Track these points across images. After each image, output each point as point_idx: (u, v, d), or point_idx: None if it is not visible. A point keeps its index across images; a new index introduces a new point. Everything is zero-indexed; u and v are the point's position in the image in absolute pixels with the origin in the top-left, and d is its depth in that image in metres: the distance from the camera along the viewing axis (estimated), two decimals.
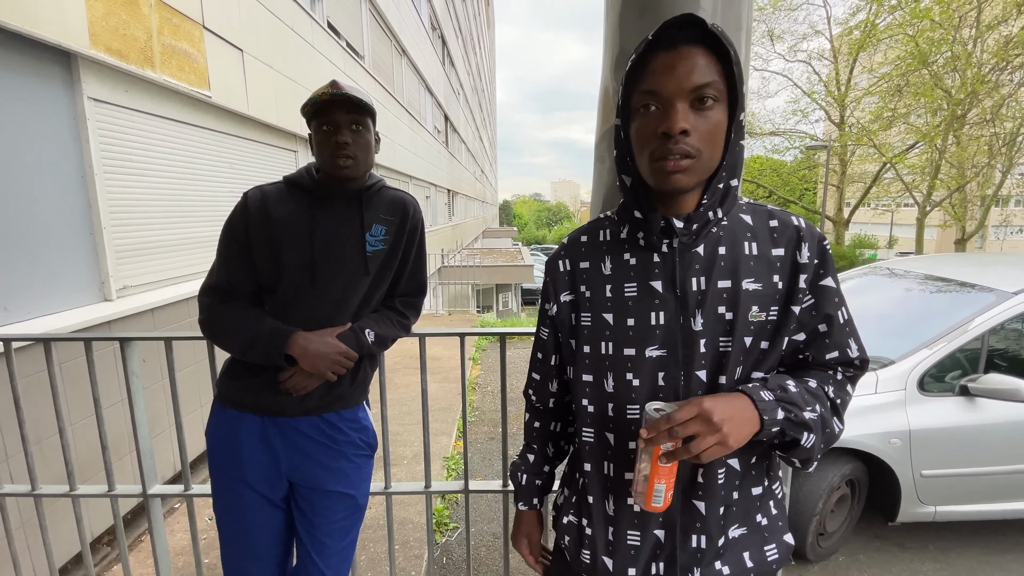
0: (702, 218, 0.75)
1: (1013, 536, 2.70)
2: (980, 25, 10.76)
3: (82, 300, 2.53)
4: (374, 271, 1.26)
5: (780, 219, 0.79)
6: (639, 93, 0.71)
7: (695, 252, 0.76)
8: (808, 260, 0.77)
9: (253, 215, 1.19)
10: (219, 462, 1.24)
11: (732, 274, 0.76)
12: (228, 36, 3.71)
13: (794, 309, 0.76)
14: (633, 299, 0.78)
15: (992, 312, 2.48)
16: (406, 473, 3.23)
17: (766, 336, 0.77)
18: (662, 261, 0.77)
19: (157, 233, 3.07)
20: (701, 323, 0.75)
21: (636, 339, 0.78)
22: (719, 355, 0.76)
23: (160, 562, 1.72)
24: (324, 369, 1.19)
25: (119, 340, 1.58)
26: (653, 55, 0.70)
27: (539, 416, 0.99)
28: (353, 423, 1.30)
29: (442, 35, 15.45)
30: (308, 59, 5.30)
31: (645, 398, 0.78)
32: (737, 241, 0.77)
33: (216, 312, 1.23)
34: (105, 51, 2.55)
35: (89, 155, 2.51)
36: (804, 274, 0.76)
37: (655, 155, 0.70)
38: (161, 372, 2.83)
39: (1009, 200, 14.73)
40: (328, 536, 1.27)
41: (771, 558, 0.82)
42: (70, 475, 1.65)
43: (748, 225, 0.79)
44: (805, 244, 0.77)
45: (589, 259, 0.84)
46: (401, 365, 5.28)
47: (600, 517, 0.84)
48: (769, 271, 0.76)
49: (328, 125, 1.15)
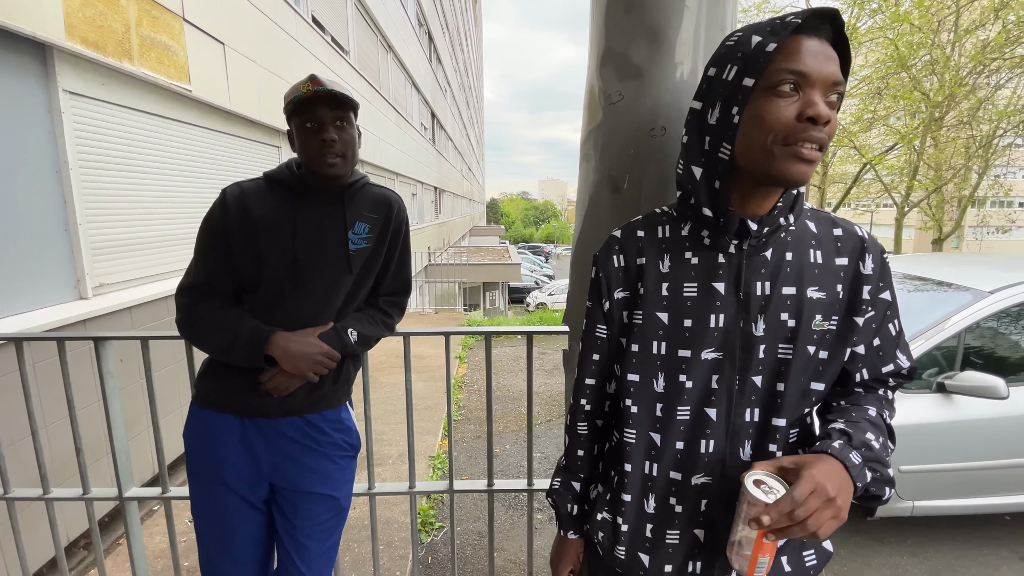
0: (774, 222, 0.74)
1: (989, 530, 2.77)
2: (958, 29, 10.98)
3: (56, 298, 2.47)
4: (357, 270, 1.24)
5: (844, 228, 0.78)
6: (778, 71, 0.66)
7: (762, 256, 0.75)
8: (872, 272, 0.76)
9: (232, 212, 1.16)
10: (197, 464, 1.22)
11: (797, 281, 0.75)
12: (209, 29, 3.64)
13: (856, 320, 0.76)
14: (693, 299, 0.76)
15: (968, 311, 2.54)
16: (391, 473, 3.21)
17: (826, 346, 0.76)
18: (728, 263, 0.75)
19: (135, 230, 3.00)
20: (763, 328, 0.74)
21: (692, 340, 0.76)
22: (778, 362, 0.75)
23: (137, 566, 1.69)
24: (306, 370, 1.16)
25: (93, 339, 1.54)
26: (794, 37, 0.66)
27: (591, 433, 0.91)
28: (336, 423, 1.29)
29: (429, 31, 15.35)
30: (292, 54, 5.22)
31: (697, 400, 0.76)
32: (803, 248, 0.76)
33: (194, 312, 1.19)
34: (81, 43, 2.48)
35: (64, 150, 2.45)
36: (867, 285, 0.76)
37: (789, 139, 0.66)
38: (139, 372, 2.78)
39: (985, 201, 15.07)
40: (309, 538, 1.25)
41: (809, 564, 0.81)
42: (43, 478, 1.61)
43: (813, 232, 0.77)
44: (869, 255, 0.76)
45: (647, 255, 0.80)
46: (387, 364, 5.24)
47: (637, 515, 0.82)
48: (833, 281, 0.75)
49: (312, 122, 1.12)
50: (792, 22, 0.66)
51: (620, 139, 1.13)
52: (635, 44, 1.07)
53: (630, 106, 1.09)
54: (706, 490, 0.78)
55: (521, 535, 2.71)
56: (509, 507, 3.01)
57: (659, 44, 1.05)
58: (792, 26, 0.66)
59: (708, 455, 0.77)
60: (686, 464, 0.78)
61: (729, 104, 0.70)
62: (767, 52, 0.66)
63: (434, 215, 17.04)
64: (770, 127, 0.67)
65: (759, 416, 0.76)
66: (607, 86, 1.13)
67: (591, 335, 0.86)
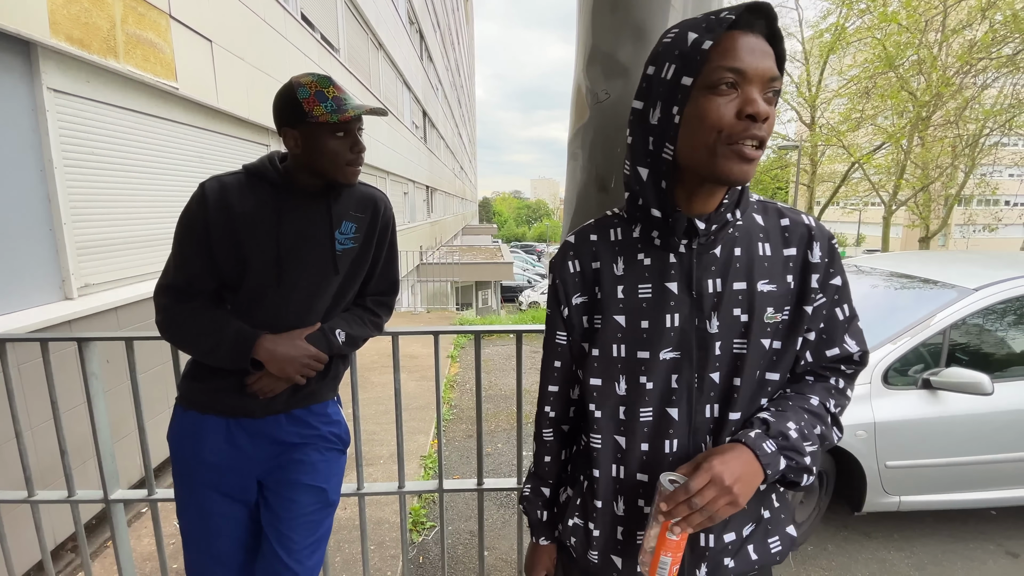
0: (721, 219, 0.74)
1: (974, 524, 2.81)
2: (945, 29, 11.10)
3: (41, 299, 2.44)
4: (344, 270, 1.22)
5: (791, 218, 0.79)
6: (716, 69, 0.65)
7: (712, 254, 0.75)
8: (820, 260, 0.77)
9: (213, 208, 1.11)
10: (182, 466, 1.20)
11: (747, 276, 0.75)
12: (196, 26, 3.61)
13: (806, 309, 0.77)
14: (648, 301, 0.76)
15: (954, 308, 2.57)
16: (382, 473, 3.20)
17: (780, 337, 0.77)
18: (679, 262, 0.76)
19: (122, 229, 2.97)
20: (717, 325, 0.74)
21: (650, 341, 0.76)
22: (733, 357, 0.76)
23: (124, 568, 1.67)
24: (292, 373, 1.15)
25: (77, 340, 1.52)
26: (729, 33, 0.66)
27: (558, 440, 0.91)
28: (323, 417, 1.27)
29: (420, 29, 15.30)
30: (281, 51, 5.19)
31: (658, 401, 0.77)
32: (752, 242, 0.77)
33: (175, 313, 1.16)
34: (66, 40, 2.45)
35: (49, 148, 2.42)
36: (816, 274, 0.77)
37: (731, 138, 0.66)
38: (125, 373, 2.74)
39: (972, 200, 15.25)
40: (294, 530, 1.22)
41: (774, 550, 0.82)
42: (28, 480, 1.59)
43: (760, 225, 0.78)
44: (816, 243, 0.77)
45: (601, 259, 0.80)
46: (378, 364, 5.22)
47: (608, 519, 0.82)
48: (783, 272, 0.76)
49: (342, 132, 1.11)
50: (726, 18, 0.65)
51: (607, 137, 1.13)
52: (621, 43, 1.07)
53: (616, 105, 1.09)
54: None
55: (512, 533, 2.71)
56: (501, 506, 3.01)
57: (645, 42, 1.05)
58: (727, 22, 0.65)
59: (672, 454, 0.77)
60: (651, 465, 0.79)
61: (669, 104, 0.69)
62: (703, 50, 0.65)
63: (426, 214, 17.00)
64: (711, 126, 0.66)
65: (717, 411, 0.77)
66: (594, 85, 1.13)
67: (552, 342, 0.86)
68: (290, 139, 1.13)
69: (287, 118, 1.11)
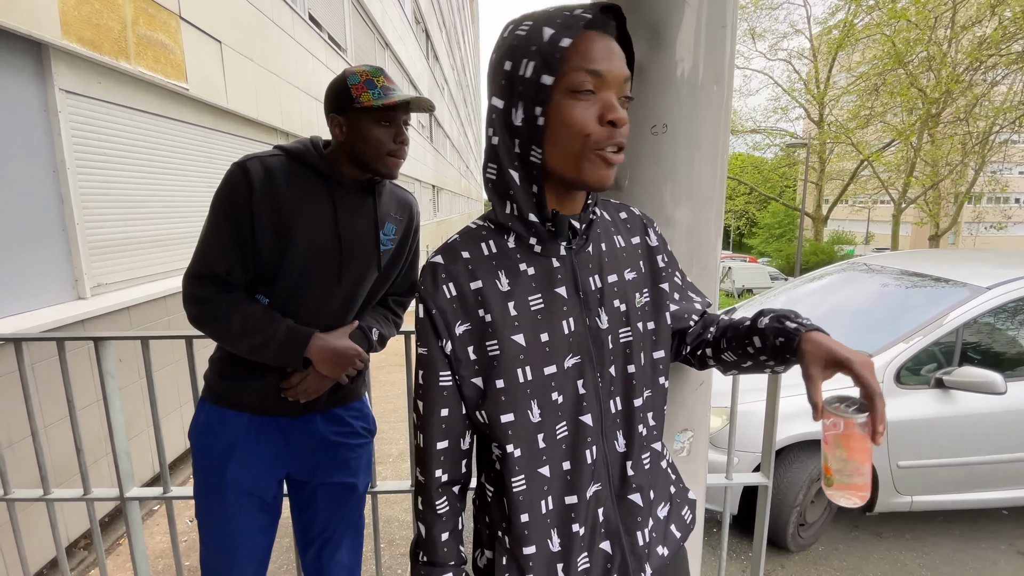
0: (588, 218, 0.75)
1: (986, 524, 2.79)
2: (955, 26, 11.00)
3: (55, 298, 2.46)
4: (383, 270, 1.23)
5: (626, 211, 0.85)
6: (577, 71, 0.63)
7: (586, 252, 0.76)
8: (657, 242, 0.84)
9: (258, 189, 1.05)
10: (205, 462, 1.19)
11: (615, 268, 0.78)
12: (206, 27, 3.63)
13: (663, 287, 0.82)
14: (542, 311, 0.72)
15: (966, 307, 2.55)
16: (392, 471, 3.21)
17: (650, 317, 0.80)
18: (562, 266, 0.74)
19: (133, 229, 2.99)
20: (606, 320, 0.75)
21: (553, 354, 0.72)
22: (623, 346, 0.77)
23: (138, 566, 1.69)
24: (341, 372, 1.14)
25: (93, 340, 1.54)
26: (586, 33, 0.64)
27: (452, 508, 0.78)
28: (356, 412, 1.29)
29: (426, 29, 15.32)
30: (289, 52, 5.21)
31: (569, 411, 0.73)
32: (609, 236, 0.79)
33: (218, 306, 1.07)
34: (77, 42, 2.47)
35: (61, 149, 2.44)
36: (659, 255, 0.83)
37: (597, 144, 0.65)
38: (138, 372, 2.77)
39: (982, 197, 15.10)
40: (335, 527, 1.28)
41: (688, 520, 0.86)
42: (44, 479, 1.61)
43: (607, 220, 0.81)
44: (650, 229, 0.85)
45: (481, 277, 0.71)
46: (387, 363, 5.23)
47: (544, 560, 0.73)
48: (636, 259, 0.81)
49: (387, 122, 1.10)
50: (582, 16, 0.63)
51: None
52: (635, 41, 1.07)
53: (631, 104, 1.09)
54: (598, 498, 0.75)
55: None
56: None
57: (659, 41, 1.05)
58: (583, 20, 0.63)
59: (594, 462, 0.74)
60: (576, 484, 0.73)
61: (532, 104, 0.65)
62: (562, 47, 0.62)
63: (432, 214, 17.03)
64: (578, 132, 0.65)
65: (621, 404, 0.77)
66: None
67: (433, 387, 0.72)
68: (336, 126, 1.11)
69: (335, 104, 1.10)
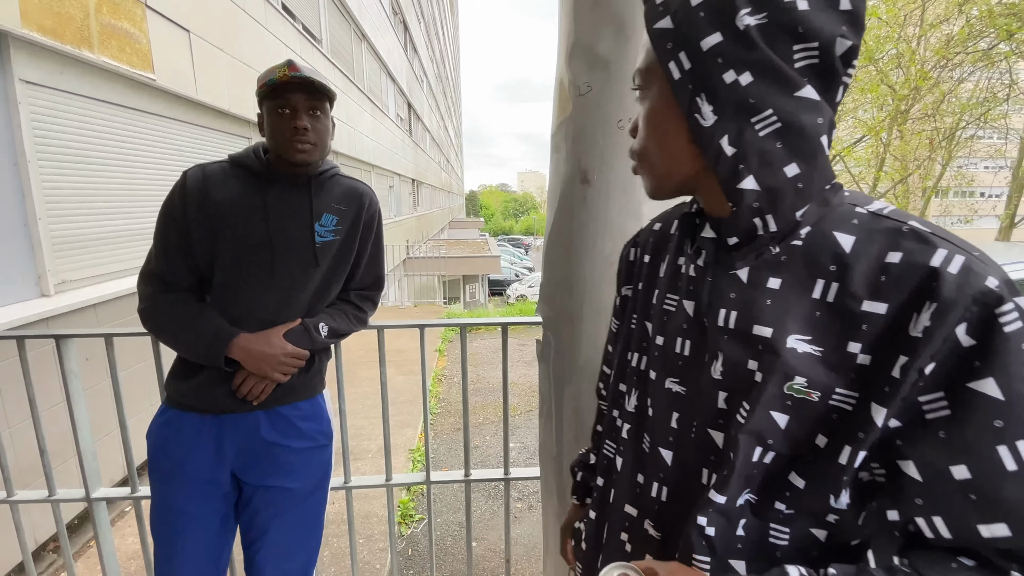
0: (737, 228, 0.54)
1: None
2: (924, 24, 11.27)
3: (17, 296, 2.39)
4: (326, 263, 1.21)
5: (907, 251, 0.45)
6: None
7: (734, 275, 0.54)
8: (938, 334, 0.42)
9: (193, 196, 1.10)
10: (159, 464, 1.18)
11: (777, 320, 0.50)
12: (173, 16, 3.53)
13: (876, 410, 0.44)
14: (670, 315, 0.62)
15: None
16: (370, 467, 3.20)
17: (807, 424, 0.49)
18: (697, 277, 0.58)
19: (99, 224, 2.91)
20: (720, 371, 0.54)
21: (660, 363, 0.62)
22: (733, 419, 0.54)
23: (107, 567, 1.66)
24: (269, 372, 1.14)
25: (55, 338, 1.50)
26: None
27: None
28: (307, 413, 1.26)
29: (404, 20, 15.13)
30: (262, 42, 5.10)
31: (661, 435, 0.61)
32: (805, 273, 0.50)
33: (157, 303, 1.14)
34: (38, 30, 2.38)
35: (22, 141, 2.36)
36: (918, 357, 0.43)
37: None
38: (105, 371, 2.70)
39: (948, 191, 15.55)
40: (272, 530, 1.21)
41: None
42: (7, 480, 1.57)
43: (839, 252, 0.48)
44: (936, 303, 0.42)
45: (652, 253, 0.69)
46: (364, 358, 5.20)
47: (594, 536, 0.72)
48: (845, 332, 0.47)
49: (285, 108, 1.09)
50: None
51: (589, 130, 1.14)
52: (602, 35, 1.08)
53: (598, 97, 1.10)
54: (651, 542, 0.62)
55: (501, 524, 2.74)
56: (489, 497, 3.03)
57: (626, 35, 1.06)
58: None
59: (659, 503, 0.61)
60: (641, 501, 0.63)
61: None
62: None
63: (412, 208, 16.89)
64: None
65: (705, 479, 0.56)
66: (576, 78, 1.14)
67: (610, 326, 0.80)
68: (259, 123, 1.15)
69: (258, 101, 1.14)
